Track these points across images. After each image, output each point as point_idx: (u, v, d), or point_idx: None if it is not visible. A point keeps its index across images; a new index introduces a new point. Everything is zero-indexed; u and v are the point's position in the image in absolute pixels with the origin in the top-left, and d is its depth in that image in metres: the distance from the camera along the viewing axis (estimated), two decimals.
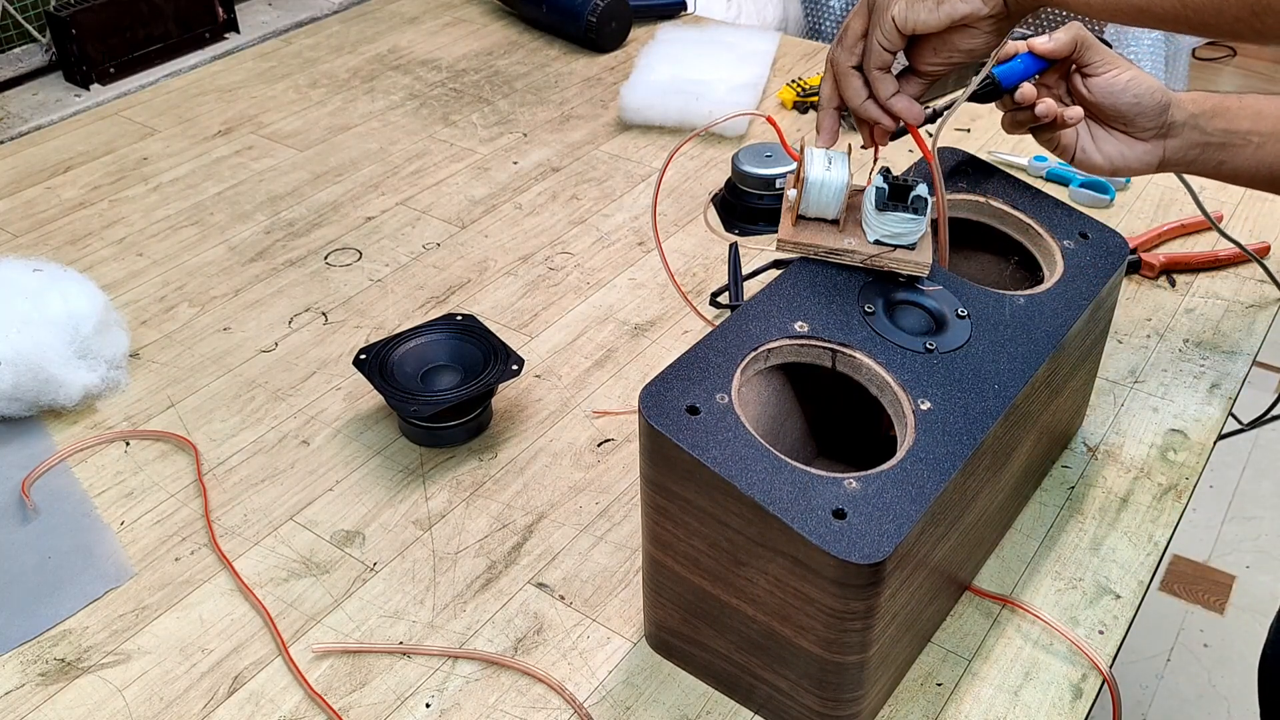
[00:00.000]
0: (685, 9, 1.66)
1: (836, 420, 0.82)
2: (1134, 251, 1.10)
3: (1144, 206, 1.20)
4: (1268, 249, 1.11)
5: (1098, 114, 0.85)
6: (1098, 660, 0.74)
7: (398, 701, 0.72)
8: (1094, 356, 0.87)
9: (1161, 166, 0.87)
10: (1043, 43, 0.83)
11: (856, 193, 0.78)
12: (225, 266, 1.15)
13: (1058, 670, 0.74)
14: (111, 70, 1.50)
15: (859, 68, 0.78)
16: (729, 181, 1.22)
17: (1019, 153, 1.29)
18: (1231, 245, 1.06)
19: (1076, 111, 0.83)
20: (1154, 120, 0.84)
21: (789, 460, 0.63)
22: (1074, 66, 0.84)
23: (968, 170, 0.86)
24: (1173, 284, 1.08)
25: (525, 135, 1.38)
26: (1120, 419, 0.93)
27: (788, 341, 0.71)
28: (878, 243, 0.75)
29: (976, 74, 0.81)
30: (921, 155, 0.79)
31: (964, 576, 0.78)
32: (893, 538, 0.59)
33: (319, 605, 0.79)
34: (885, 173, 0.76)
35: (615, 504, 0.87)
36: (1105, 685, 0.73)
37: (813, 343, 0.71)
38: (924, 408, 0.67)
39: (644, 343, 1.04)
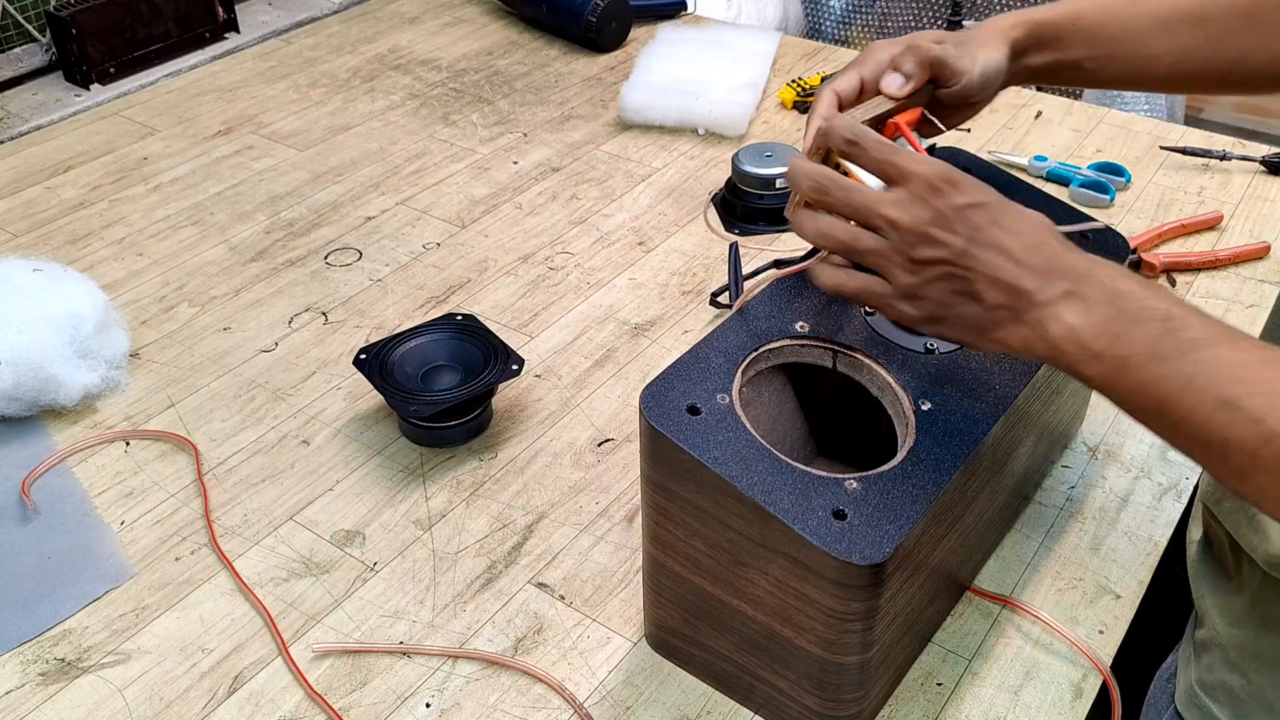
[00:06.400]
0: (685, 9, 1.66)
1: (837, 420, 0.82)
2: (1135, 251, 1.10)
3: (1144, 206, 1.20)
4: (1268, 249, 1.11)
5: (954, 106, 0.77)
6: (1097, 660, 0.74)
7: (398, 701, 0.72)
8: None
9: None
10: (898, 86, 0.73)
11: None
12: (225, 266, 1.15)
13: (1058, 670, 0.74)
14: (111, 70, 1.50)
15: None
16: (729, 181, 1.22)
17: (1019, 153, 1.29)
18: (1235, 247, 1.06)
19: None
20: (999, 83, 0.77)
21: (789, 461, 0.63)
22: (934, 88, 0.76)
23: (968, 170, 0.86)
24: (1173, 284, 1.08)
25: (525, 135, 1.38)
26: (1120, 419, 0.93)
27: (788, 342, 0.71)
28: None
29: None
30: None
31: (964, 577, 0.78)
32: (893, 538, 0.59)
33: (319, 605, 0.79)
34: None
35: (615, 504, 0.87)
36: (1105, 685, 0.73)
37: (813, 343, 0.71)
38: (924, 408, 0.67)
39: (644, 343, 1.04)
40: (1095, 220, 0.75)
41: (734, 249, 1.11)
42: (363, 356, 0.92)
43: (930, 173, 0.60)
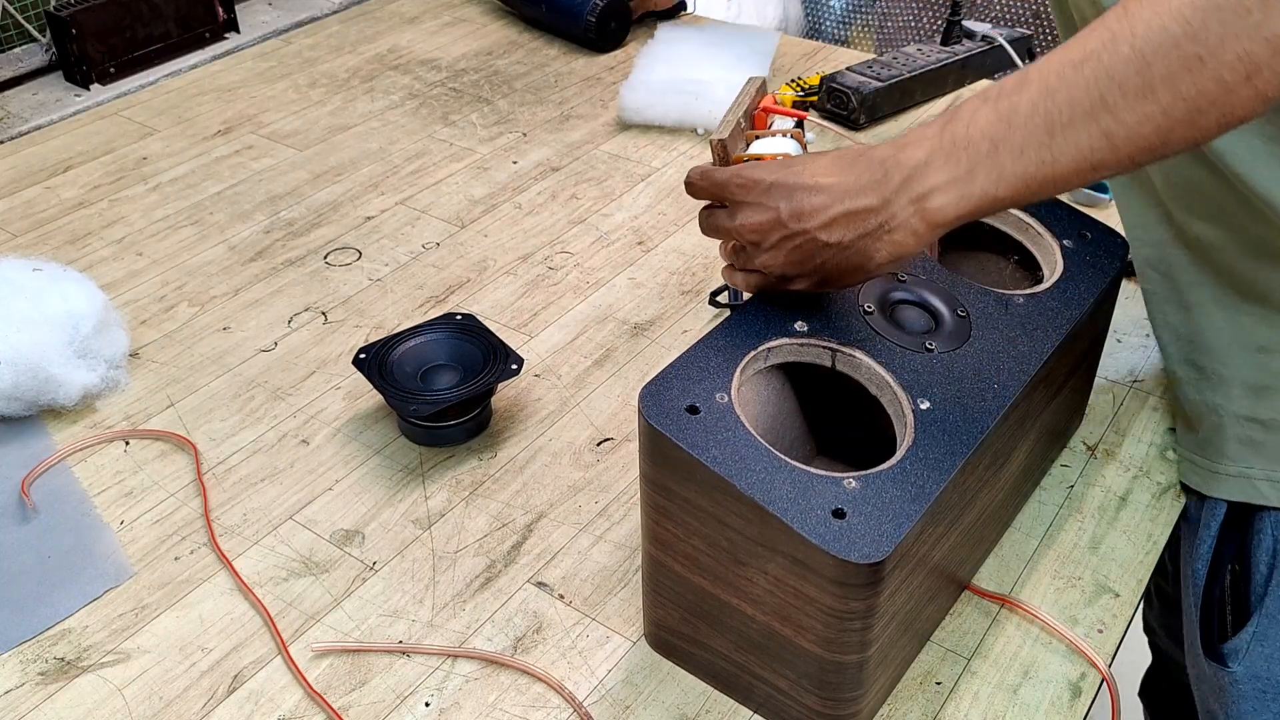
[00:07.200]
0: (685, 9, 1.66)
1: (836, 419, 0.82)
2: None
3: None
4: None
5: None
6: (1096, 659, 0.74)
7: (397, 700, 0.72)
8: (1094, 356, 0.87)
9: None
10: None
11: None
12: (225, 266, 1.15)
13: (1057, 669, 0.74)
14: (111, 70, 1.50)
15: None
16: None
17: None
18: None
19: None
20: None
21: (789, 460, 0.63)
22: None
23: None
24: None
25: (525, 135, 1.38)
26: (1120, 418, 0.93)
27: (787, 341, 0.71)
28: None
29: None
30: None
31: (963, 575, 0.78)
32: (892, 537, 0.59)
33: (319, 604, 0.79)
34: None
35: (615, 503, 0.87)
36: (1104, 684, 0.73)
37: (812, 342, 0.71)
38: (923, 407, 0.67)
39: (643, 342, 1.04)
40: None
41: None
42: (362, 356, 0.92)
43: (732, 177, 0.69)
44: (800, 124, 0.78)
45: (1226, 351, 0.78)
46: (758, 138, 0.77)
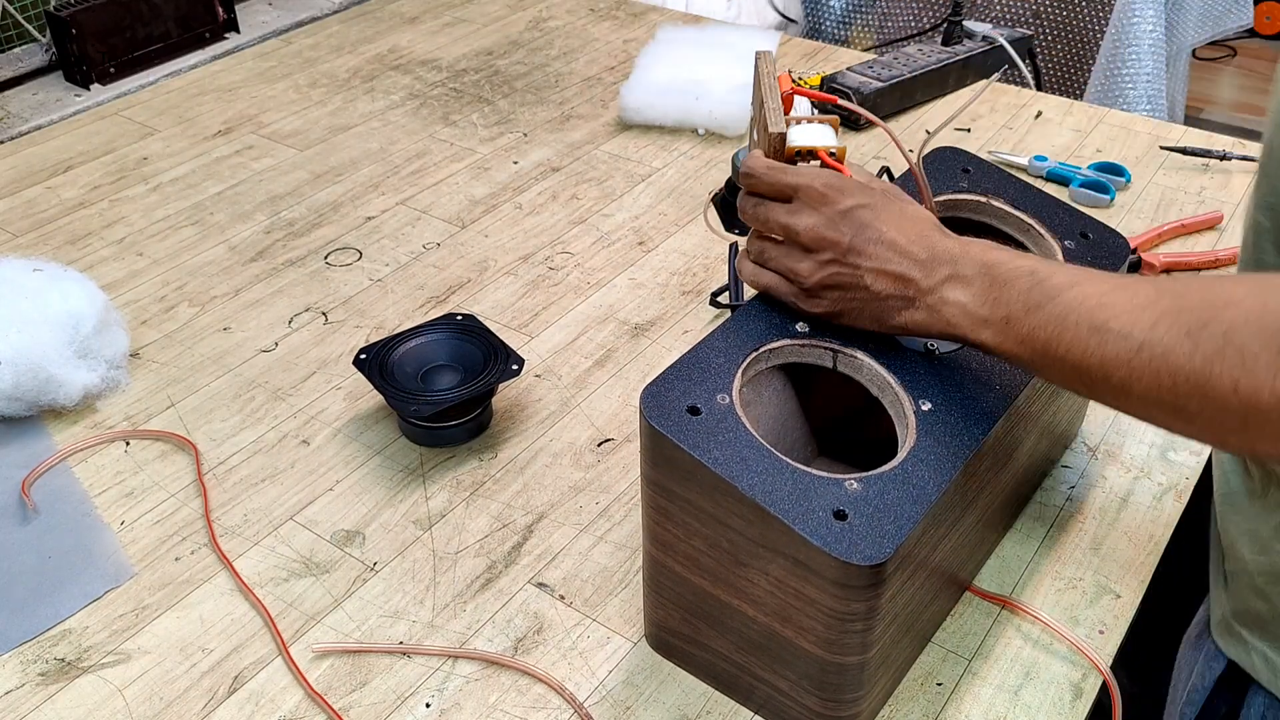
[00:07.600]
0: None
1: (837, 420, 0.82)
2: (1134, 251, 1.10)
3: (1144, 206, 1.20)
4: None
5: None
6: (1097, 661, 0.74)
7: (398, 701, 0.72)
8: None
9: None
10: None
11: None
12: (225, 266, 1.15)
13: (1058, 670, 0.74)
14: (111, 70, 1.50)
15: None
16: (729, 181, 1.21)
17: (1019, 152, 1.29)
18: (1235, 247, 1.07)
19: None
20: None
21: (790, 461, 0.63)
22: None
23: (968, 170, 0.86)
24: None
25: (525, 135, 1.38)
26: (1120, 419, 0.93)
27: (789, 342, 0.71)
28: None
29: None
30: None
31: (964, 576, 0.78)
32: (894, 539, 0.59)
33: (319, 605, 0.79)
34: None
35: (615, 504, 0.87)
36: (1105, 685, 0.73)
37: (814, 343, 0.71)
38: (925, 408, 0.67)
39: (644, 343, 1.04)
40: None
41: (734, 249, 1.10)
42: (363, 356, 0.92)
43: (818, 183, 0.69)
44: (814, 105, 0.77)
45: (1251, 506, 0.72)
46: (795, 123, 0.75)
